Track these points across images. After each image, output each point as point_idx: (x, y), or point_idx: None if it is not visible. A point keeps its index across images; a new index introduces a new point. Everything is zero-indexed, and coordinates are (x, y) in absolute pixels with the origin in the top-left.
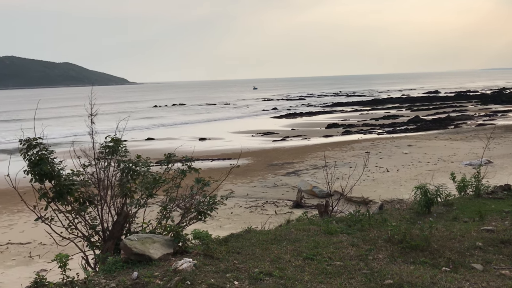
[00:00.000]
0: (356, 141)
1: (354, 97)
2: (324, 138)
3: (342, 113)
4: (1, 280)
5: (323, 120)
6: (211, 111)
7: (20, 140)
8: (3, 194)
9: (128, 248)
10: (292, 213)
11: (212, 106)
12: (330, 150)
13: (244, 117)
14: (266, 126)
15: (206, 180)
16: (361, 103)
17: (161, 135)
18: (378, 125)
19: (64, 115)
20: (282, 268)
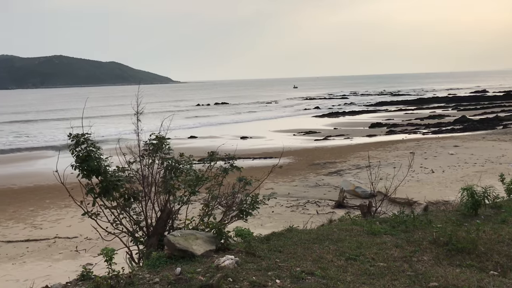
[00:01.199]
0: (400, 141)
1: (399, 96)
2: (367, 137)
3: (386, 112)
4: (48, 273)
5: (366, 119)
6: (252, 110)
7: (69, 135)
8: (52, 189)
9: (172, 244)
10: (334, 213)
11: (254, 105)
12: (374, 150)
13: (285, 116)
14: (308, 125)
15: (248, 178)
16: (406, 102)
17: (203, 134)
18: (423, 125)
19: (110, 114)
20: (324, 268)
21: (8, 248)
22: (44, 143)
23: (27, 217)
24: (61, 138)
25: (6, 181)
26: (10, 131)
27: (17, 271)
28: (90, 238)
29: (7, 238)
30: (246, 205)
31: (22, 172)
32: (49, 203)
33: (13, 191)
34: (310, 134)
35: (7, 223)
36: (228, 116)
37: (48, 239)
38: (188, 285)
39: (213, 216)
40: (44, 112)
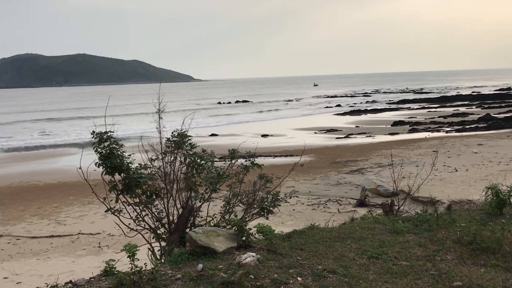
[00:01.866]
0: (423, 139)
1: (421, 94)
2: (389, 135)
3: (409, 110)
4: (72, 268)
5: (388, 117)
6: (273, 108)
7: (93, 133)
8: (75, 186)
9: (194, 241)
10: (356, 211)
11: (275, 103)
12: (396, 148)
13: (306, 114)
14: (329, 123)
15: (269, 176)
16: (429, 100)
17: (224, 131)
18: (447, 123)
19: (133, 112)
20: (346, 266)
21: (32, 244)
22: (67, 141)
23: (51, 213)
24: (85, 136)
25: (31, 178)
26: (35, 128)
27: (41, 266)
28: (112, 235)
29: (32, 233)
30: (267, 202)
31: (46, 169)
32: (73, 200)
33: (38, 188)
34: (332, 132)
35: (32, 219)
36: (249, 114)
37: (71, 235)
38: (210, 281)
39: (234, 214)
40: (68, 110)
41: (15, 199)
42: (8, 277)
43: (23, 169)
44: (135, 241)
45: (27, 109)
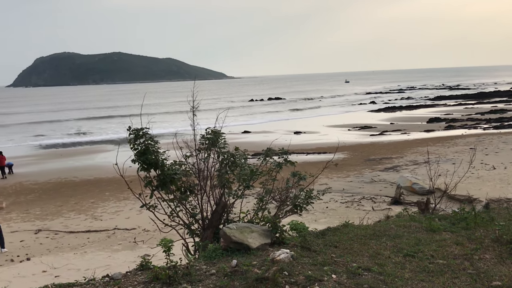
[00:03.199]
0: (459, 136)
1: (458, 90)
2: (425, 132)
3: (445, 107)
4: (108, 263)
5: (424, 114)
6: (306, 105)
7: (129, 128)
8: (111, 182)
9: (228, 237)
10: (390, 209)
11: (307, 100)
12: (432, 145)
13: (340, 111)
14: (363, 120)
15: (302, 174)
16: (466, 96)
17: (257, 129)
18: (484, 119)
19: (167, 110)
20: (382, 264)
21: (70, 238)
22: (103, 138)
23: (88, 209)
24: (121, 133)
25: (68, 174)
26: (72, 126)
27: (79, 260)
28: (147, 230)
29: (69, 228)
30: (300, 200)
31: (83, 165)
32: (109, 196)
33: (75, 184)
34: (366, 129)
35: (69, 214)
36: (281, 111)
37: (107, 230)
38: (244, 277)
39: (267, 210)
40: (104, 109)
41: (53, 194)
42: (47, 271)
43: (60, 166)
44: (170, 237)
45: (65, 107)
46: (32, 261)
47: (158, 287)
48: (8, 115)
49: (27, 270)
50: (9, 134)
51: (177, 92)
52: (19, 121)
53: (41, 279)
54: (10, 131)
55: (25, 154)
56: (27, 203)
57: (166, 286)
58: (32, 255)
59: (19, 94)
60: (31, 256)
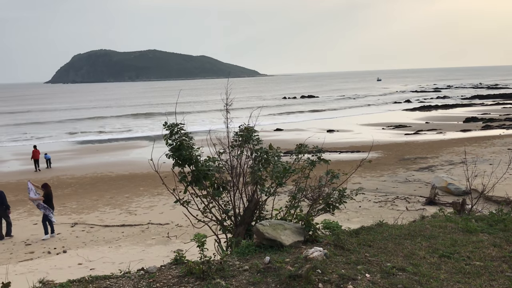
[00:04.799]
0: (497, 136)
1: (496, 89)
2: (461, 132)
3: (482, 106)
4: (142, 257)
5: (460, 114)
6: (339, 103)
7: (165, 124)
8: (145, 177)
9: (261, 233)
10: (425, 210)
11: (341, 98)
12: (468, 145)
13: (374, 109)
14: (398, 118)
15: (335, 172)
16: (504, 96)
17: (289, 126)
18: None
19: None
20: (416, 264)
21: (105, 232)
22: (138, 135)
23: (123, 203)
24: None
25: (104, 169)
26: (108, 123)
27: (113, 254)
28: (180, 225)
29: (105, 222)
30: (333, 198)
31: (118, 160)
32: (143, 191)
33: (110, 178)
34: (400, 128)
35: (105, 209)
36: (314, 108)
37: (141, 225)
38: (277, 274)
39: (300, 208)
40: (139, 106)
41: (90, 189)
42: (82, 263)
43: (96, 161)
44: (202, 233)
45: (102, 104)
46: (68, 254)
47: (192, 281)
48: (45, 112)
49: (63, 262)
50: (47, 129)
51: (210, 89)
52: (57, 117)
53: (77, 271)
54: (48, 127)
55: (63, 149)
56: (64, 197)
57: (199, 280)
58: (68, 248)
59: (57, 90)
60: (67, 249)
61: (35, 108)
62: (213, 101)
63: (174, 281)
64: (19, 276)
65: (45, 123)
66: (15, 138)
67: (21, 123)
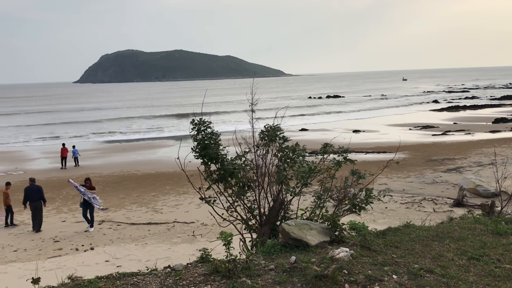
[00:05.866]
0: None
1: None
2: (490, 133)
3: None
4: (168, 255)
5: (489, 114)
6: (366, 103)
7: (192, 121)
8: (171, 176)
9: (286, 233)
10: (452, 211)
11: (366, 98)
12: (497, 146)
13: (401, 109)
14: (425, 119)
15: (361, 172)
16: None
17: (315, 126)
18: None
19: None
20: (444, 266)
21: (132, 230)
22: (165, 135)
23: (149, 202)
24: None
25: (131, 167)
26: (135, 123)
27: (140, 251)
28: (205, 224)
29: (131, 220)
30: (359, 199)
31: (145, 159)
32: (169, 189)
33: (137, 177)
34: (427, 128)
35: (131, 207)
36: (339, 108)
37: (167, 223)
38: (303, 274)
39: (325, 209)
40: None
41: (117, 187)
42: (109, 261)
43: (123, 159)
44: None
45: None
46: (95, 251)
47: (218, 279)
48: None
49: (91, 259)
50: (75, 129)
51: (235, 89)
52: (85, 117)
53: (104, 268)
54: (76, 126)
55: (90, 148)
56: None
57: (225, 279)
58: (95, 245)
59: (85, 90)
60: (94, 246)
61: (64, 107)
62: (239, 101)
63: (200, 279)
64: (48, 272)
65: (73, 123)
66: (44, 137)
67: (50, 123)
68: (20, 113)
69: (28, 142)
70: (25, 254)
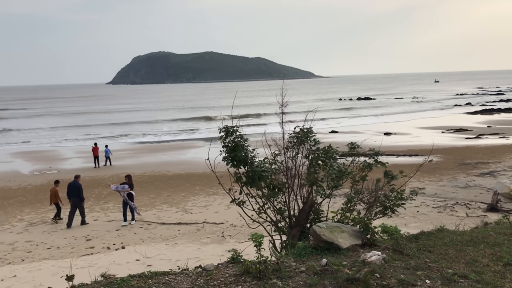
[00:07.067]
0: None
1: None
2: None
3: None
4: (197, 255)
5: None
6: (397, 105)
7: (220, 127)
8: (201, 177)
9: (317, 235)
10: (486, 216)
11: (398, 100)
12: None
13: (433, 112)
14: (458, 122)
15: (394, 173)
16: None
17: (345, 129)
18: None
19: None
20: (479, 272)
21: (162, 230)
22: (195, 136)
23: (179, 202)
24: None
25: (162, 168)
26: (166, 124)
27: (170, 251)
28: (235, 225)
29: (162, 220)
30: (390, 201)
31: (175, 160)
32: (199, 190)
33: (168, 177)
34: (461, 131)
35: (162, 207)
36: (370, 111)
37: (197, 224)
38: (334, 276)
39: (357, 212)
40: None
41: (148, 187)
42: (140, 260)
43: (154, 160)
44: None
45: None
46: (126, 250)
47: (249, 280)
48: (106, 113)
49: (122, 258)
50: (108, 129)
51: (265, 90)
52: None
53: (135, 267)
54: (108, 127)
55: (122, 148)
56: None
57: (256, 280)
58: (126, 244)
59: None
60: (125, 245)
61: (96, 109)
62: (268, 103)
63: (231, 279)
64: (80, 270)
65: (106, 125)
66: (77, 138)
67: (85, 125)
68: (55, 114)
69: (62, 142)
70: (58, 251)
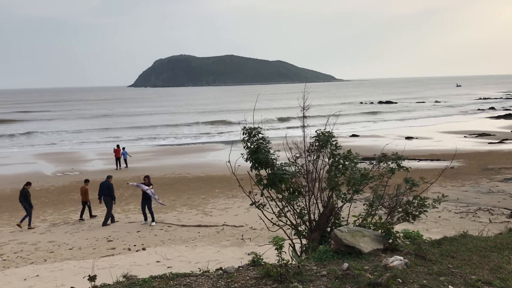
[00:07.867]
0: None
1: None
2: None
3: None
4: (217, 257)
5: None
6: (418, 109)
7: (243, 129)
8: (221, 180)
9: (339, 239)
10: (510, 222)
11: (420, 104)
12: None
13: (455, 117)
14: (481, 126)
15: (415, 180)
16: None
17: (366, 132)
18: None
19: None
20: (504, 279)
21: (182, 232)
22: (215, 139)
23: (199, 204)
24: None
25: (182, 170)
26: (186, 127)
27: (190, 253)
28: (254, 228)
29: (182, 222)
30: (412, 207)
31: (195, 162)
32: (219, 193)
33: (188, 180)
34: (484, 136)
35: (182, 209)
36: (392, 114)
37: (217, 226)
38: (356, 281)
39: (379, 216)
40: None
41: (168, 189)
42: (160, 261)
43: (174, 162)
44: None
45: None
46: (147, 251)
47: (270, 283)
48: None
49: (142, 259)
50: (129, 132)
51: (286, 94)
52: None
53: (155, 268)
54: (129, 130)
55: (143, 150)
56: None
57: (277, 283)
58: (147, 246)
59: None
60: (146, 246)
61: (118, 111)
62: (290, 106)
63: (252, 282)
64: (101, 270)
65: (128, 128)
66: (98, 140)
67: (107, 128)
68: (78, 116)
69: (83, 144)
70: (79, 252)
